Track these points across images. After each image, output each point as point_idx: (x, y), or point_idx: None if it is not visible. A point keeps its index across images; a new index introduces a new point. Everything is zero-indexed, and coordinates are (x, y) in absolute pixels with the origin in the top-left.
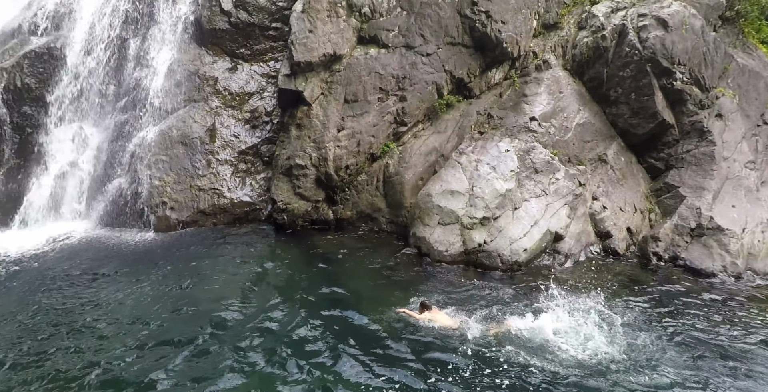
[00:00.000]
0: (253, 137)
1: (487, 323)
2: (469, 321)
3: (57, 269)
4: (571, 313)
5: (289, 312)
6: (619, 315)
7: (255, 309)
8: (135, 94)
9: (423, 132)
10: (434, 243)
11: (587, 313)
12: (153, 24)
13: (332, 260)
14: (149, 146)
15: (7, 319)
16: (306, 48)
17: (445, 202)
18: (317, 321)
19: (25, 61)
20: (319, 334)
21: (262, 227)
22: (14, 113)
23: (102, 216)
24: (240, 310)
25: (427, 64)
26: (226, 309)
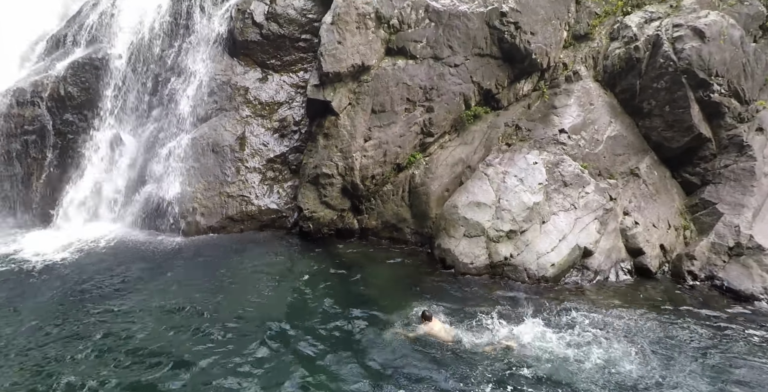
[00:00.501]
0: (281, 146)
1: (492, 338)
2: (468, 335)
3: (90, 269)
4: (596, 335)
5: (310, 319)
6: (649, 338)
7: (277, 315)
8: (169, 103)
9: (450, 143)
10: (459, 255)
11: (613, 333)
12: (189, 36)
13: (356, 269)
14: (182, 154)
15: (40, 318)
16: (335, 59)
17: (471, 214)
18: (336, 332)
19: (69, 71)
20: (334, 343)
21: (288, 234)
22: (57, 120)
23: (135, 219)
24: (263, 316)
25: (455, 75)
26: (249, 316)
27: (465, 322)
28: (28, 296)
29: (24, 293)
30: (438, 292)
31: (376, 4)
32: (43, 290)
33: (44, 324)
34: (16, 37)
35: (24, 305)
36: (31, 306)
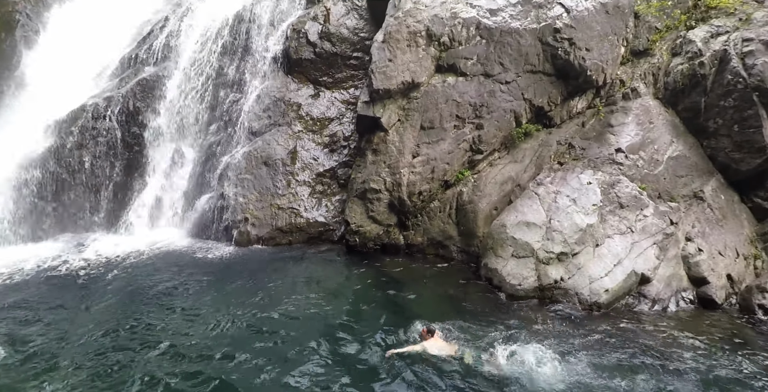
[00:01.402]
0: (330, 160)
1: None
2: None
3: (150, 273)
4: (652, 366)
5: (353, 333)
6: (720, 374)
7: (323, 328)
8: (227, 117)
9: (499, 161)
10: (506, 276)
11: (675, 367)
12: (247, 54)
13: (400, 285)
14: (236, 166)
15: (106, 317)
16: (385, 76)
17: (520, 234)
18: (376, 348)
19: (137, 88)
20: (375, 358)
21: (334, 247)
22: (126, 133)
23: (191, 228)
24: (311, 328)
25: (506, 92)
26: (294, 326)
27: (504, 345)
28: (94, 296)
29: (91, 293)
30: (483, 312)
31: (427, 22)
32: (108, 291)
33: (110, 324)
34: (94, 56)
35: (91, 304)
36: (98, 305)
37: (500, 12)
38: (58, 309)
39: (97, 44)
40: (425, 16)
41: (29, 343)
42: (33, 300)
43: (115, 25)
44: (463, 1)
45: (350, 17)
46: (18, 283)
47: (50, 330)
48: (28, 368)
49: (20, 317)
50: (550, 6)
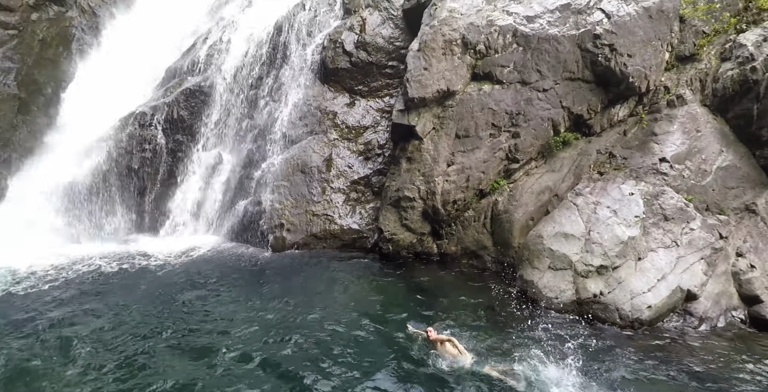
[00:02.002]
0: (365, 168)
1: None
2: None
3: (190, 274)
4: None
5: (384, 342)
6: None
7: (349, 332)
8: (265, 125)
9: (536, 170)
10: (543, 288)
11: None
12: (285, 65)
13: (433, 294)
14: (273, 173)
15: (147, 315)
16: (420, 85)
17: (557, 245)
18: (406, 363)
19: (182, 97)
20: (401, 367)
21: (367, 254)
22: (170, 140)
23: (229, 232)
24: (337, 332)
25: (543, 100)
26: (324, 330)
27: (536, 361)
28: (136, 294)
29: (133, 291)
30: (516, 325)
31: (463, 30)
32: (150, 291)
33: (150, 323)
34: (142, 67)
35: (133, 302)
36: (139, 304)
37: (538, 19)
38: (104, 305)
39: (145, 56)
40: (461, 24)
41: (77, 337)
42: (81, 297)
43: (162, 37)
44: (500, 9)
45: (386, 27)
46: (66, 281)
47: (95, 323)
48: (76, 361)
49: (69, 312)
50: (590, 12)
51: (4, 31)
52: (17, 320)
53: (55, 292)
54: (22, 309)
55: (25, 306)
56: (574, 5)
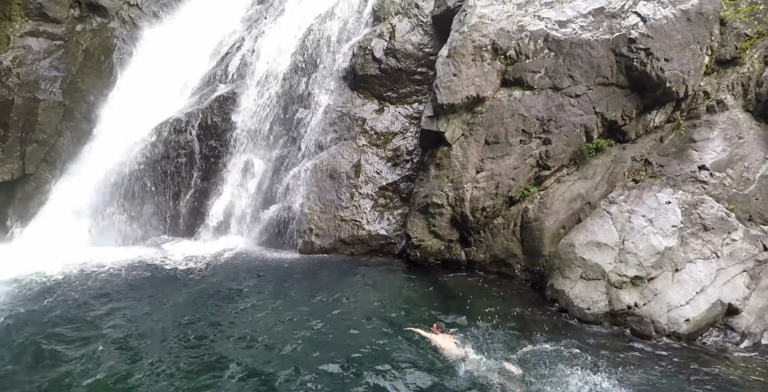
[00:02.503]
0: (393, 174)
1: None
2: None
3: (218, 277)
4: None
5: (408, 349)
6: None
7: (373, 338)
8: (295, 132)
9: (568, 177)
10: (574, 299)
11: None
12: (315, 71)
13: (461, 302)
14: (303, 178)
15: (167, 318)
16: (450, 91)
17: (589, 254)
18: (430, 376)
19: (215, 104)
20: (428, 375)
21: (394, 260)
22: (203, 146)
23: (259, 236)
24: (359, 337)
25: (576, 106)
26: (351, 336)
27: (566, 373)
28: (167, 296)
29: (164, 293)
30: (546, 336)
31: (493, 36)
32: (179, 292)
33: (179, 324)
34: (178, 74)
35: (162, 304)
36: (169, 306)
37: (570, 23)
38: (140, 306)
39: (181, 64)
40: (491, 30)
41: (119, 336)
42: (112, 298)
43: (197, 46)
44: (531, 14)
45: (415, 33)
46: (98, 283)
47: (131, 324)
48: (118, 358)
49: (107, 311)
50: (625, 15)
51: (51, 42)
52: (46, 321)
53: (87, 292)
54: (53, 309)
55: (57, 307)
56: (608, 9)
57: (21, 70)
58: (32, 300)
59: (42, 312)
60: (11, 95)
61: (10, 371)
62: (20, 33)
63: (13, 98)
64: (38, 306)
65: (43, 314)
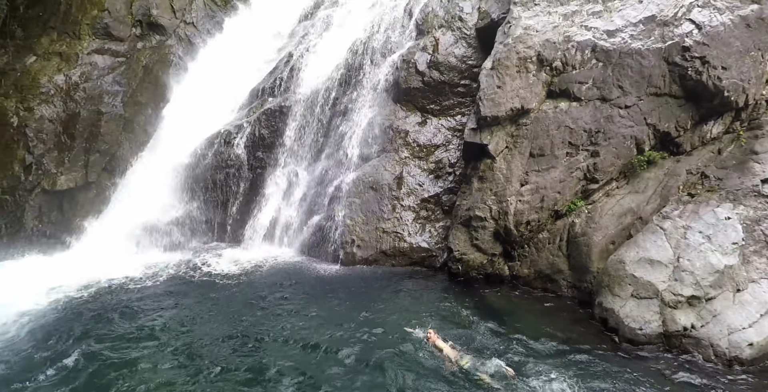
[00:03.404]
0: (435, 187)
1: None
2: None
3: (261, 286)
4: None
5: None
6: None
7: (412, 352)
8: (339, 144)
9: (617, 191)
10: (625, 318)
11: None
12: (359, 85)
13: (503, 318)
14: (346, 190)
15: (209, 325)
16: (493, 103)
17: (641, 272)
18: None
19: (263, 117)
20: None
21: (436, 273)
22: (251, 157)
23: (301, 246)
24: (398, 352)
25: (626, 117)
26: (391, 349)
27: None
28: (211, 303)
29: (208, 300)
30: (593, 357)
31: (538, 47)
32: (223, 298)
33: (225, 329)
34: (228, 88)
35: (213, 309)
36: (213, 313)
37: (619, 33)
38: (187, 310)
39: (232, 78)
40: (536, 41)
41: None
42: (167, 302)
43: (247, 61)
44: (578, 24)
45: (458, 46)
46: (156, 286)
47: (179, 328)
48: (163, 363)
49: (157, 315)
50: (678, 23)
51: (114, 59)
52: (101, 324)
53: (139, 296)
54: (108, 312)
55: (110, 310)
56: (660, 17)
57: (87, 85)
58: (86, 303)
59: (96, 316)
60: (78, 108)
61: (71, 371)
62: (87, 51)
63: (80, 110)
64: (94, 309)
65: (98, 317)
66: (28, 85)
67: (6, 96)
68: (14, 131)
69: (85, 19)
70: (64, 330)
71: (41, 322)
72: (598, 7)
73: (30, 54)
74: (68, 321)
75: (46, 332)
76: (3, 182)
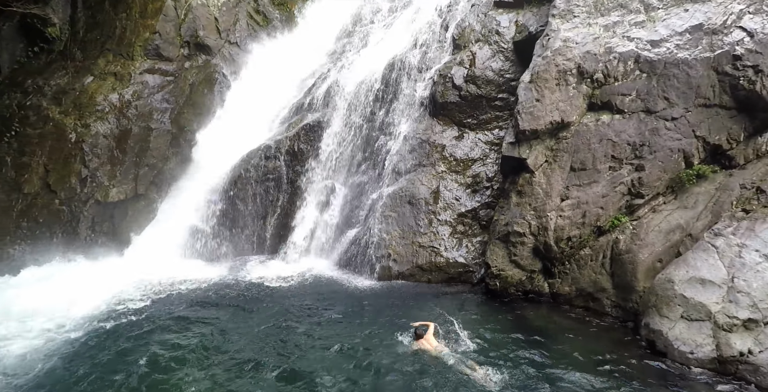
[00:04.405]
0: (472, 201)
1: None
2: None
3: (297, 298)
4: None
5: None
6: None
7: (448, 373)
8: (376, 158)
9: (664, 206)
10: (674, 341)
11: None
12: (396, 100)
13: (543, 338)
14: (382, 204)
15: (252, 333)
16: (532, 116)
17: (691, 292)
18: None
19: (302, 132)
20: None
21: (473, 289)
22: (290, 171)
23: (338, 259)
24: (435, 371)
25: (672, 130)
26: (425, 363)
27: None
28: (255, 312)
29: (244, 310)
30: (641, 380)
31: (578, 59)
32: (259, 309)
33: (254, 342)
34: (269, 104)
35: (251, 319)
36: (248, 323)
37: (663, 43)
38: (226, 320)
39: (272, 95)
40: (576, 53)
41: (210, 346)
42: (208, 311)
43: (287, 78)
44: (619, 35)
45: (495, 60)
46: (198, 296)
47: (220, 336)
48: (213, 368)
49: (199, 323)
50: (728, 31)
51: (164, 78)
52: (147, 331)
53: (182, 305)
54: (153, 319)
55: (156, 317)
56: (708, 26)
57: (138, 103)
58: (139, 308)
59: (141, 323)
60: (130, 125)
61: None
62: (139, 71)
63: (131, 127)
64: (149, 314)
65: (151, 322)
66: (86, 103)
67: (66, 114)
68: (72, 146)
69: (138, 41)
70: (122, 334)
71: (102, 325)
72: (640, 17)
73: (88, 74)
74: (126, 326)
75: (107, 334)
76: (61, 194)
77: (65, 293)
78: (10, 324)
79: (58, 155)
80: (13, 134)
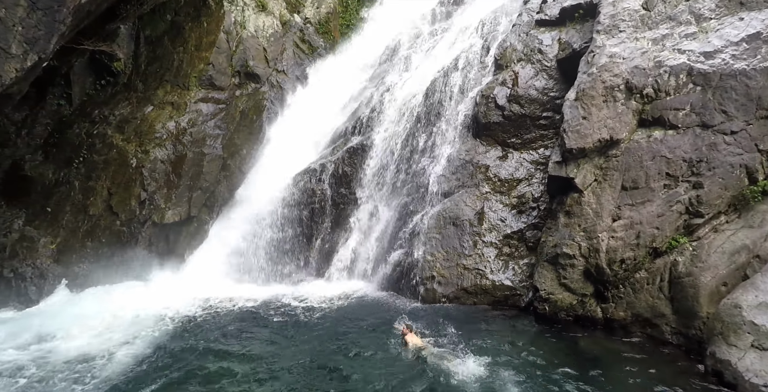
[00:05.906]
0: (518, 222)
1: None
2: None
3: (344, 319)
4: None
5: None
6: None
7: None
8: (419, 180)
9: (727, 226)
10: (744, 372)
11: None
12: (438, 121)
13: (597, 368)
14: (426, 225)
15: (297, 355)
16: (579, 135)
17: (762, 318)
18: None
19: (346, 155)
20: None
21: (520, 313)
22: (335, 193)
23: (382, 281)
24: None
25: (732, 144)
26: None
27: None
28: (300, 334)
29: (299, 331)
30: None
31: (626, 74)
32: (301, 330)
33: (313, 361)
34: (315, 129)
35: (296, 341)
36: (301, 344)
37: (718, 54)
38: (271, 343)
39: (318, 119)
40: (623, 68)
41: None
42: (254, 332)
43: (331, 103)
44: (669, 48)
45: (539, 78)
46: (245, 316)
47: (266, 358)
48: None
49: (245, 344)
50: None
51: (216, 106)
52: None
53: (230, 326)
54: (202, 338)
55: (206, 337)
56: (766, 34)
57: (193, 130)
58: (197, 324)
59: (205, 336)
60: (185, 151)
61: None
62: (194, 100)
63: (186, 152)
64: (205, 329)
65: (207, 338)
66: (146, 131)
67: (128, 141)
68: (133, 171)
69: (193, 72)
70: (182, 347)
71: (165, 338)
72: (691, 28)
73: (148, 104)
74: (185, 339)
75: (170, 347)
76: (122, 216)
77: (126, 309)
78: (73, 341)
79: (120, 179)
80: (81, 160)
